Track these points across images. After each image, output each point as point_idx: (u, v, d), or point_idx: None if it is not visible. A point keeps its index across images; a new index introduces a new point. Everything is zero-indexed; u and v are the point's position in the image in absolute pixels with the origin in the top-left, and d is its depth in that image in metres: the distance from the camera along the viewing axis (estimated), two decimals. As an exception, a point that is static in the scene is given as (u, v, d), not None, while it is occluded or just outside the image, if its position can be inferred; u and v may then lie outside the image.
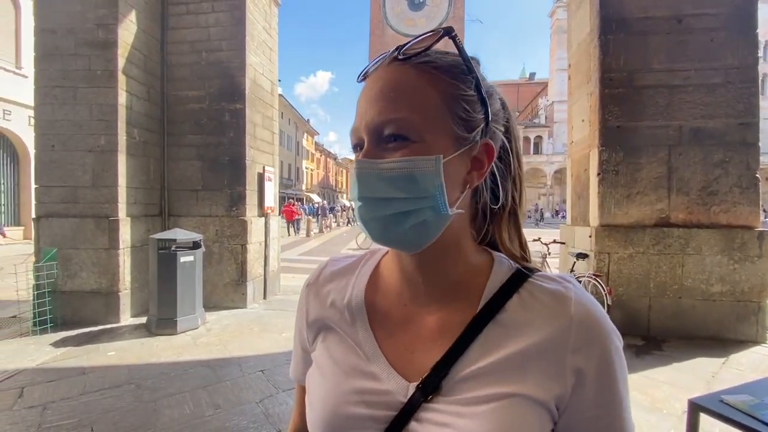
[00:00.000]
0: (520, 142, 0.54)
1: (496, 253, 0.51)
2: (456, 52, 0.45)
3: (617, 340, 0.45)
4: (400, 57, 0.45)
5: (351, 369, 0.49)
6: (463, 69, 0.45)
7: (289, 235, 18.54)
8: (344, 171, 75.23)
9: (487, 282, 0.48)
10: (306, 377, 0.55)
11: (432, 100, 0.43)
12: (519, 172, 0.52)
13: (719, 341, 3.93)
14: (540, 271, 0.49)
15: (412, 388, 0.45)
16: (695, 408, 1.52)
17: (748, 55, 4.09)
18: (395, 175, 0.42)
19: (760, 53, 4.21)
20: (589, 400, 0.43)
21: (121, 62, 4.53)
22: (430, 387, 0.44)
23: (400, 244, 0.46)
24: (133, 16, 4.72)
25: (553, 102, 43.37)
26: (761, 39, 5.44)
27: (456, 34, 0.45)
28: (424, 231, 0.44)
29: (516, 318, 0.45)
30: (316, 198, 40.50)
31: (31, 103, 4.66)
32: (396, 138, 0.43)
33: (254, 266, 5.43)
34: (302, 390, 0.61)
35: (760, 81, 4.24)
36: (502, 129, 0.49)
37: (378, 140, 0.44)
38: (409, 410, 0.44)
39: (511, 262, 0.50)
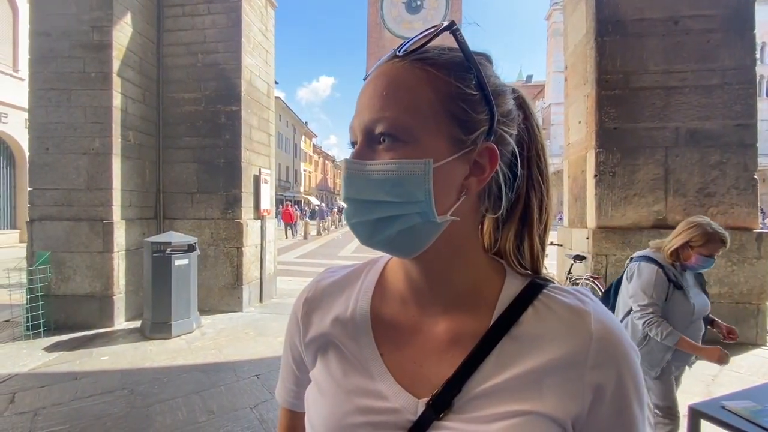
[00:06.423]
0: (544, 149, 0.49)
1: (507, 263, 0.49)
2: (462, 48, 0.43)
3: (636, 357, 0.43)
4: (399, 54, 0.43)
5: (353, 387, 0.46)
6: (464, 66, 0.42)
7: (286, 237, 18.55)
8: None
9: (500, 293, 0.46)
10: (305, 396, 0.52)
11: (426, 99, 0.41)
12: (539, 180, 0.48)
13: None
14: (554, 282, 0.47)
15: (421, 405, 0.42)
16: (696, 414, 1.49)
17: (746, 56, 4.09)
18: (382, 177, 0.40)
19: (758, 54, 4.21)
20: (607, 418, 0.41)
21: (115, 64, 4.51)
22: (442, 404, 0.41)
23: (389, 249, 0.44)
24: (128, 18, 4.70)
25: (550, 104, 43.41)
26: (759, 40, 5.44)
27: (457, 28, 0.41)
28: (413, 237, 0.42)
29: (531, 332, 0.43)
30: (314, 200, 40.44)
31: (27, 105, 4.62)
32: (387, 138, 0.41)
33: (250, 269, 5.39)
34: (288, 414, 0.58)
35: (757, 82, 4.23)
36: (514, 133, 0.45)
37: (370, 140, 0.42)
38: (419, 429, 0.41)
39: (524, 272, 0.48)
